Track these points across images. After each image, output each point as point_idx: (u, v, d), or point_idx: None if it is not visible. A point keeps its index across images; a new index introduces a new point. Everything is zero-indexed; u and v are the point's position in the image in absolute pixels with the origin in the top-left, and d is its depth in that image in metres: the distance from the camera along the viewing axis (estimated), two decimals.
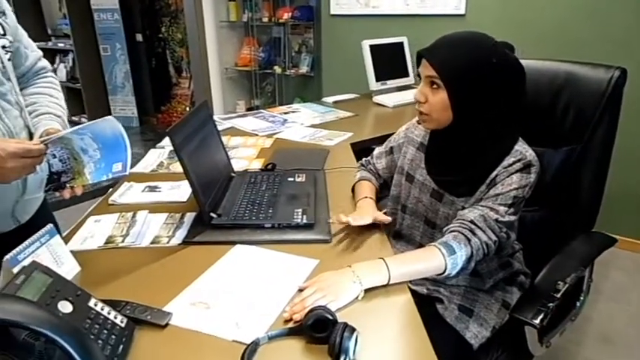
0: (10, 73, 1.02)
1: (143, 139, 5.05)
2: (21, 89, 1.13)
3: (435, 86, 1.03)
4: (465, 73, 1.00)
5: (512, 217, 1.02)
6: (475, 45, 1.02)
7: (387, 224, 1.18)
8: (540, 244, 1.27)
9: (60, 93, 1.21)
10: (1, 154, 0.86)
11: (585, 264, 1.09)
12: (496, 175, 1.04)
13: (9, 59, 1.03)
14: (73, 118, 5.40)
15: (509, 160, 1.04)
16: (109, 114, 5.38)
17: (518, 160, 1.03)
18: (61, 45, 5.46)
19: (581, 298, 1.27)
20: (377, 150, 1.40)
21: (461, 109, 1.02)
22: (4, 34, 1.02)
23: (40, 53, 1.20)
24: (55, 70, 5.49)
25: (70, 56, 5.46)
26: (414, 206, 1.21)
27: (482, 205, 1.03)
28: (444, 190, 1.13)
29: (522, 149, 1.05)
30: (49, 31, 5.69)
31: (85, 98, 5.39)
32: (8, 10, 1.06)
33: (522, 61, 1.35)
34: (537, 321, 0.93)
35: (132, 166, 1.62)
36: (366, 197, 1.24)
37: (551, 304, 0.95)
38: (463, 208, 1.09)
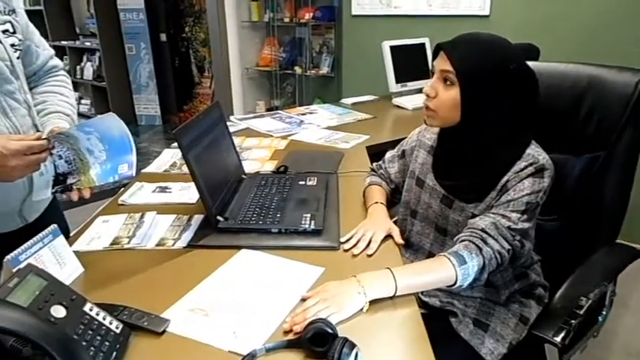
0: (19, 71, 1.03)
1: (166, 137, 5.11)
2: (32, 88, 1.14)
3: (448, 82, 0.99)
4: (482, 73, 0.97)
5: (526, 225, 0.97)
6: (496, 47, 1.00)
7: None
8: (560, 255, 1.21)
9: (71, 92, 1.20)
10: (3, 152, 0.86)
11: (609, 278, 1.03)
12: (507, 181, 1.00)
13: (18, 57, 1.03)
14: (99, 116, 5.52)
15: (520, 164, 1.00)
16: (133, 112, 5.55)
17: (530, 165, 0.98)
18: (88, 44, 5.59)
19: (604, 312, 1.20)
20: (389, 154, 1.36)
21: (470, 109, 0.99)
22: (14, 32, 1.02)
23: (52, 52, 1.20)
24: (82, 69, 5.66)
25: (97, 55, 5.58)
26: (425, 212, 1.17)
27: (493, 213, 0.99)
28: (453, 195, 1.09)
29: (535, 153, 1.00)
30: (78, 31, 5.82)
31: (110, 97, 5.50)
32: (19, 8, 1.06)
33: (544, 64, 1.30)
34: (559, 339, 0.88)
35: (147, 166, 1.64)
36: (377, 202, 1.21)
37: (573, 322, 0.90)
38: (473, 215, 1.04)
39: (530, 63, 1.30)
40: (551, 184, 1.00)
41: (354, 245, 1.06)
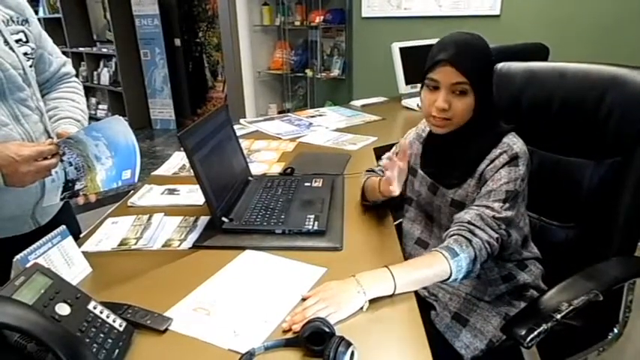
0: (31, 79, 1.06)
1: None
2: (45, 94, 1.17)
3: (458, 92, 1.02)
4: (485, 74, 1.05)
5: (509, 213, 1.00)
6: (483, 46, 1.05)
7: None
8: (574, 263, 1.14)
9: (82, 98, 1.24)
10: (16, 158, 0.90)
11: (604, 289, 0.98)
12: (485, 171, 1.04)
13: (30, 66, 1.06)
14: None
15: (495, 152, 1.04)
16: (148, 117, 5.64)
17: (504, 152, 1.03)
18: (104, 50, 5.70)
19: (615, 330, 1.17)
20: (386, 155, 1.38)
21: (483, 108, 1.04)
22: (27, 42, 1.06)
23: (65, 59, 1.23)
24: (99, 75, 5.77)
25: (113, 61, 5.69)
26: (417, 199, 1.23)
27: (477, 205, 1.02)
28: (437, 182, 1.15)
29: (510, 142, 1.04)
30: (95, 37, 5.95)
31: (126, 101, 5.60)
32: (32, 17, 1.09)
33: (560, 64, 1.28)
34: (527, 340, 0.85)
35: (157, 168, 1.67)
36: None
37: (545, 325, 0.87)
38: (452, 200, 1.10)
39: (551, 63, 1.32)
40: (527, 171, 1.04)
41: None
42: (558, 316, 0.88)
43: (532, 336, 0.86)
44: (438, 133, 1.10)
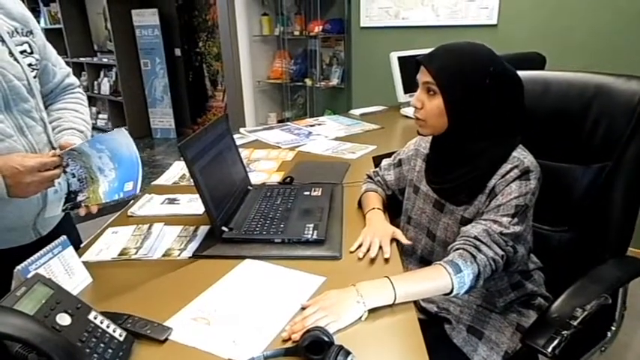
0: (35, 90, 1.07)
1: None
2: (48, 105, 1.18)
3: (431, 92, 1.04)
4: (461, 79, 1.00)
5: (518, 228, 0.98)
6: (472, 54, 1.03)
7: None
8: (569, 267, 1.19)
9: (86, 108, 1.25)
10: (20, 169, 0.90)
11: (610, 291, 1.01)
12: (495, 186, 1.02)
13: (34, 77, 1.07)
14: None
15: (505, 167, 1.02)
16: (149, 126, 5.66)
17: (515, 167, 1.01)
18: (105, 60, 5.75)
19: (613, 328, 1.18)
20: (385, 162, 1.40)
21: (455, 114, 1.02)
22: (31, 53, 1.07)
23: (69, 70, 1.24)
24: (99, 85, 5.80)
25: (114, 71, 5.73)
26: (418, 217, 1.21)
27: (484, 219, 1.00)
28: (443, 199, 1.13)
29: (520, 156, 1.03)
30: (95, 47, 6.00)
31: (126, 111, 5.63)
32: (36, 29, 1.11)
33: (551, 73, 1.31)
34: (549, 349, 0.86)
35: (157, 178, 1.67)
36: (374, 208, 1.23)
37: (565, 332, 0.88)
38: (462, 217, 1.07)
39: (537, 72, 1.34)
40: (538, 185, 1.02)
41: (367, 252, 1.07)
42: (575, 323, 0.90)
43: (553, 345, 0.87)
44: (423, 135, 1.14)
